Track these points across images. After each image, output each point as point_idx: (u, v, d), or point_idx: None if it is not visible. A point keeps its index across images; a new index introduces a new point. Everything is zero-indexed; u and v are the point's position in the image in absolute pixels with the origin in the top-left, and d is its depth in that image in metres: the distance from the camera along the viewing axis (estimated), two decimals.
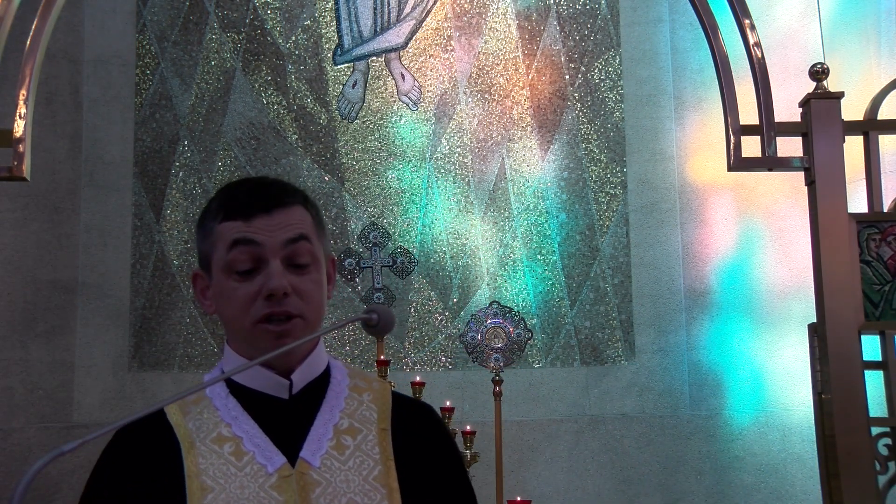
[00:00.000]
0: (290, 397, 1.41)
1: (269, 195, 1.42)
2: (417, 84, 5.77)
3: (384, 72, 5.79)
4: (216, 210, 1.44)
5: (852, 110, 3.66)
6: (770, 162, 3.49)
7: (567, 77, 5.69)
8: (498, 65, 5.74)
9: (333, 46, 5.80)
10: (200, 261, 1.48)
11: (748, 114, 3.49)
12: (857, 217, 3.41)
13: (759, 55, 3.49)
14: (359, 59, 5.79)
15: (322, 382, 1.45)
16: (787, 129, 3.52)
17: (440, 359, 5.52)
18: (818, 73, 3.47)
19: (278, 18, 5.78)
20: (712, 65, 3.58)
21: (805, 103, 3.49)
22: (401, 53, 5.79)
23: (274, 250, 1.38)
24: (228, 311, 1.41)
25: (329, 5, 5.81)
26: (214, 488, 1.33)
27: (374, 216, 5.56)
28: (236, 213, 1.40)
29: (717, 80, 3.55)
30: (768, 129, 3.45)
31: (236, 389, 1.43)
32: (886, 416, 3.33)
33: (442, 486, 1.43)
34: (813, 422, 3.44)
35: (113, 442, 1.45)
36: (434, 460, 1.44)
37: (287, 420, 1.39)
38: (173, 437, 1.39)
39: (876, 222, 3.40)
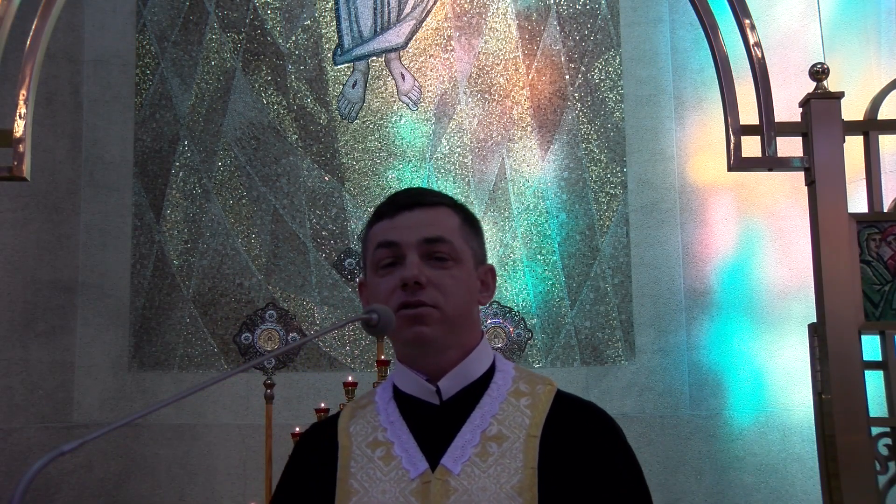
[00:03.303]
0: (442, 403, 1.41)
1: (414, 194, 1.50)
2: (417, 84, 5.76)
3: (384, 72, 5.79)
4: (372, 218, 1.51)
5: (852, 110, 3.65)
6: (770, 162, 3.48)
7: (567, 77, 5.69)
8: (498, 65, 5.74)
9: (333, 46, 5.80)
10: (364, 270, 1.53)
11: (748, 114, 3.48)
12: (857, 217, 3.41)
13: (759, 55, 3.49)
14: (359, 59, 5.79)
15: (481, 386, 1.44)
16: (787, 129, 3.52)
17: None
18: (818, 73, 3.46)
19: (278, 18, 5.78)
20: (712, 65, 3.57)
21: (805, 103, 3.48)
22: (401, 53, 5.79)
23: (410, 245, 1.42)
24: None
25: (329, 5, 5.82)
26: (359, 491, 1.36)
27: None
28: (384, 214, 1.47)
29: (717, 80, 3.54)
30: (768, 129, 3.44)
31: (399, 395, 1.46)
32: (886, 416, 3.33)
33: (601, 486, 1.36)
34: (813, 422, 3.44)
35: (297, 444, 1.54)
36: (592, 460, 1.37)
37: (436, 426, 1.40)
38: (337, 440, 1.45)
39: (876, 222, 3.40)
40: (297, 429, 3.88)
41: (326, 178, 5.70)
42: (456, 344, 1.42)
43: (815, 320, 3.42)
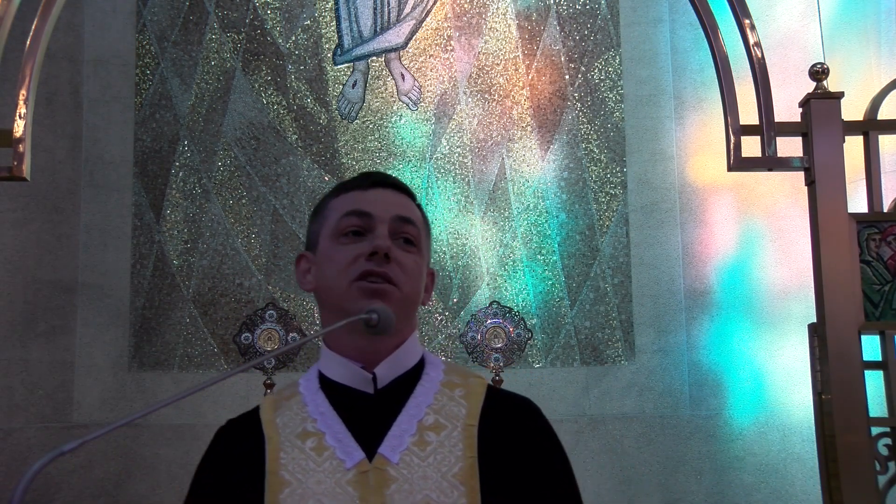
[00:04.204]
0: (376, 392, 1.40)
1: (387, 175, 1.50)
2: (417, 84, 5.76)
3: (384, 72, 5.79)
4: (334, 191, 1.49)
5: (852, 110, 3.66)
6: (770, 162, 3.49)
7: (567, 77, 5.69)
8: (498, 65, 5.74)
9: (333, 46, 5.80)
10: (308, 242, 1.51)
11: (748, 114, 3.49)
12: (857, 217, 3.41)
13: (759, 55, 3.49)
14: (359, 59, 5.79)
15: (413, 377, 1.43)
16: (787, 129, 3.52)
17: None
18: (818, 73, 3.47)
19: (278, 18, 5.78)
20: (712, 65, 3.58)
21: (805, 103, 3.49)
22: (401, 53, 5.79)
23: (383, 220, 1.41)
24: (329, 273, 1.42)
25: (329, 5, 5.81)
26: (292, 483, 1.33)
27: None
28: (353, 186, 1.46)
29: (717, 80, 3.55)
30: (768, 129, 3.45)
31: (327, 384, 1.43)
32: (886, 416, 3.33)
33: (536, 482, 1.37)
34: (813, 422, 3.44)
35: (212, 440, 1.47)
36: (529, 456, 1.38)
37: (371, 415, 1.38)
38: (261, 433, 1.40)
39: (876, 222, 3.40)
40: None
41: (326, 178, 5.70)
42: (398, 330, 1.41)
43: (815, 320, 3.42)
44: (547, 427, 1.45)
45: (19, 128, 3.34)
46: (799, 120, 3.52)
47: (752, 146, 3.49)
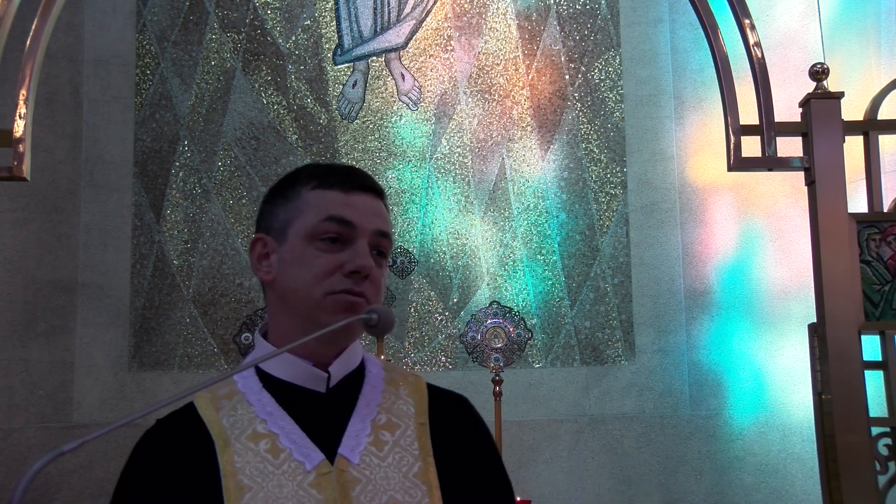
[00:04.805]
0: (327, 391, 1.38)
1: (366, 176, 1.44)
2: (417, 84, 5.76)
3: (384, 72, 5.79)
4: (308, 178, 1.41)
5: (852, 110, 3.66)
6: (770, 162, 3.49)
7: (567, 77, 5.69)
8: (498, 65, 5.74)
9: (333, 46, 5.80)
10: (270, 226, 1.42)
11: (748, 114, 3.49)
12: (857, 217, 3.41)
13: (759, 55, 3.49)
14: (359, 59, 5.79)
15: (358, 376, 1.42)
16: (787, 129, 3.53)
17: (440, 359, 5.53)
18: (818, 73, 3.47)
19: (278, 18, 5.78)
20: (712, 65, 3.58)
21: (805, 103, 3.49)
22: (401, 53, 5.79)
23: (365, 232, 1.37)
24: (299, 277, 1.36)
25: (329, 5, 5.82)
26: (252, 487, 1.28)
27: None
28: (334, 184, 1.39)
29: (717, 80, 3.55)
30: (768, 129, 3.45)
31: (271, 383, 1.38)
32: (886, 416, 3.33)
33: (477, 478, 1.39)
34: (813, 422, 3.44)
35: (143, 440, 1.37)
36: (470, 452, 1.40)
37: (324, 415, 1.35)
38: (206, 433, 1.33)
39: (876, 222, 3.40)
40: None
41: None
42: (351, 331, 1.39)
43: (815, 320, 3.42)
44: (483, 424, 1.48)
45: (19, 128, 3.35)
46: (799, 120, 3.52)
47: (752, 146, 3.49)
